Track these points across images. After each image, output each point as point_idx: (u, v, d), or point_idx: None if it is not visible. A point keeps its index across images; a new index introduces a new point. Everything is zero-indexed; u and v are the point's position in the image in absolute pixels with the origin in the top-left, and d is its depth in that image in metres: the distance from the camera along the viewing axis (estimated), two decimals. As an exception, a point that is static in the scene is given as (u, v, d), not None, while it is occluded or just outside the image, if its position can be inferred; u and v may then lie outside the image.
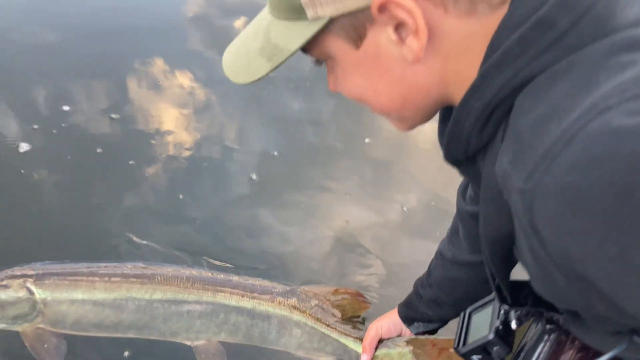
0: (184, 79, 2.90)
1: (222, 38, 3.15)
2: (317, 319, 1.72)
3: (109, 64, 2.87)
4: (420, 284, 1.44)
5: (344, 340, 1.70)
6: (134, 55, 2.95)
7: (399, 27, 0.67)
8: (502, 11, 0.64)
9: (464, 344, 1.00)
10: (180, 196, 2.23)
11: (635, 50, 0.55)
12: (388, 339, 1.60)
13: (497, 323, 0.95)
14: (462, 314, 1.08)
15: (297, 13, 0.69)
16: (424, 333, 1.54)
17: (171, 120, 2.62)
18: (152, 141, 2.46)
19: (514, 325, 0.94)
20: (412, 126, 0.81)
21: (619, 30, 0.58)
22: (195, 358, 1.64)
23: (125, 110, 2.58)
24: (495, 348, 0.95)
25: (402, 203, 2.32)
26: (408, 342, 1.58)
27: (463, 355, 0.99)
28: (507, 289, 0.85)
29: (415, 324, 1.52)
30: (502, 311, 0.96)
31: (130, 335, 1.65)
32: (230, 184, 2.34)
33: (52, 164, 2.25)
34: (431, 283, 1.40)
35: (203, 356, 1.64)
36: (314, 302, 1.75)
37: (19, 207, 2.08)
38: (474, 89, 0.66)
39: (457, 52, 0.68)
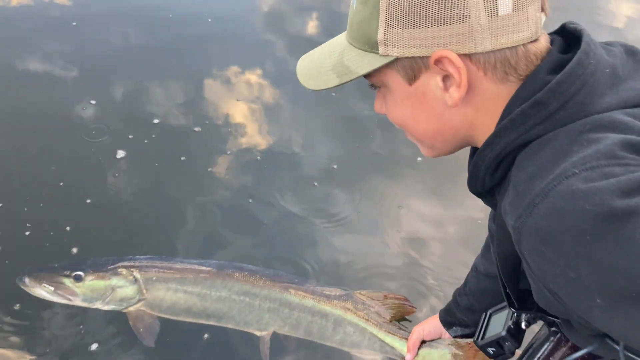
0: (260, 95, 3.23)
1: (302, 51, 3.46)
2: (368, 320, 1.90)
3: (195, 79, 3.26)
4: (458, 293, 1.61)
5: (390, 339, 1.87)
6: (218, 71, 3.34)
7: (446, 77, 0.85)
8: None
9: (482, 338, 1.22)
10: (250, 200, 2.54)
11: (601, 130, 0.75)
12: (430, 340, 1.76)
13: (510, 323, 1.15)
14: (483, 314, 1.29)
15: (371, 47, 0.87)
16: (461, 336, 1.69)
17: (245, 133, 2.93)
18: (228, 152, 2.78)
19: (523, 325, 1.13)
20: (438, 155, 1.01)
21: (592, 114, 0.78)
22: (259, 346, 1.89)
23: (206, 124, 2.92)
24: (507, 343, 1.16)
25: (449, 218, 2.52)
26: (448, 344, 1.74)
27: (481, 347, 1.21)
28: (514, 296, 1.06)
29: (454, 328, 1.65)
30: (514, 314, 1.17)
31: (212, 322, 1.90)
32: (295, 192, 2.63)
33: (143, 169, 2.61)
34: (467, 292, 1.55)
35: (266, 345, 1.88)
36: (366, 305, 1.93)
37: (112, 206, 2.44)
38: (488, 144, 0.87)
39: (486, 106, 0.88)
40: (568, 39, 0.88)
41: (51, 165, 2.55)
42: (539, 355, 1.17)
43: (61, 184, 2.46)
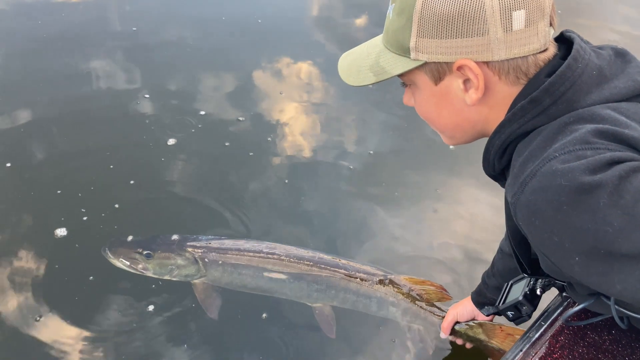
0: (301, 88, 3.47)
1: (347, 44, 3.70)
2: (409, 302, 2.09)
3: (241, 75, 3.53)
4: (486, 274, 1.75)
5: (431, 319, 2.05)
6: (264, 68, 3.61)
7: (466, 80, 1.02)
8: None
9: (503, 303, 1.42)
10: (286, 181, 2.77)
11: (581, 122, 0.92)
12: (465, 321, 1.94)
13: (526, 289, 1.34)
14: (505, 284, 1.47)
15: (403, 52, 1.04)
16: (493, 315, 1.81)
17: (286, 122, 3.18)
18: (269, 138, 3.02)
19: (538, 292, 1.32)
20: (457, 143, 1.18)
21: (578, 109, 0.95)
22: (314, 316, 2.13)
23: (250, 113, 3.18)
24: (524, 307, 1.34)
25: (486, 203, 2.68)
26: (481, 325, 1.91)
27: (501, 311, 1.40)
28: (526, 264, 1.25)
29: (486, 307, 1.75)
30: (531, 282, 1.35)
31: (267, 294, 2.16)
32: (330, 175, 2.84)
33: (190, 154, 2.88)
34: (494, 273, 1.69)
35: (319, 317, 2.13)
36: (406, 289, 2.13)
37: (162, 187, 2.70)
38: (496, 132, 1.04)
39: (499, 105, 1.05)
40: (566, 44, 1.05)
41: (106, 151, 2.83)
42: (553, 317, 1.35)
43: (111, 166, 2.73)
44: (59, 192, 2.57)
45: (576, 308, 1.14)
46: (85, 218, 2.45)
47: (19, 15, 3.98)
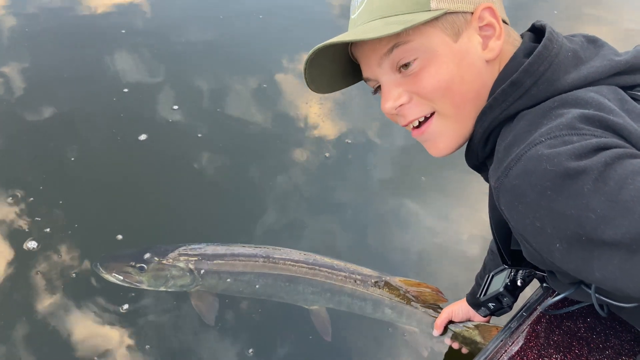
0: (284, 81, 3.58)
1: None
2: (404, 304, 2.18)
3: (219, 67, 3.66)
4: (479, 276, 1.82)
5: (427, 319, 2.14)
6: (246, 62, 3.77)
7: (484, 38, 1.06)
8: None
9: (485, 295, 1.51)
10: (265, 174, 2.82)
11: (567, 107, 0.95)
12: (460, 322, 2.02)
13: (507, 281, 1.40)
14: (486, 276, 1.56)
15: (420, 7, 1.04)
16: (490, 316, 1.82)
17: (259, 113, 3.30)
18: (241, 131, 3.08)
19: (519, 283, 1.38)
20: (454, 145, 1.15)
21: (560, 88, 1.00)
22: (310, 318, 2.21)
23: (227, 106, 3.33)
24: (504, 298, 1.41)
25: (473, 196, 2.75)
26: (477, 327, 1.99)
27: (482, 302, 1.48)
28: (507, 255, 1.26)
29: (482, 308, 1.70)
30: (512, 273, 1.41)
31: (263, 298, 2.24)
32: (303, 165, 2.94)
33: (160, 149, 2.99)
34: (487, 274, 1.72)
35: (315, 319, 2.22)
36: (402, 291, 2.21)
37: (135, 183, 2.79)
38: (478, 120, 1.07)
39: (500, 65, 1.08)
40: (536, 34, 1.13)
41: (73, 145, 2.94)
42: (534, 307, 1.44)
43: (72, 158, 2.83)
44: (18, 191, 2.64)
45: (557, 297, 1.19)
46: (47, 227, 2.51)
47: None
